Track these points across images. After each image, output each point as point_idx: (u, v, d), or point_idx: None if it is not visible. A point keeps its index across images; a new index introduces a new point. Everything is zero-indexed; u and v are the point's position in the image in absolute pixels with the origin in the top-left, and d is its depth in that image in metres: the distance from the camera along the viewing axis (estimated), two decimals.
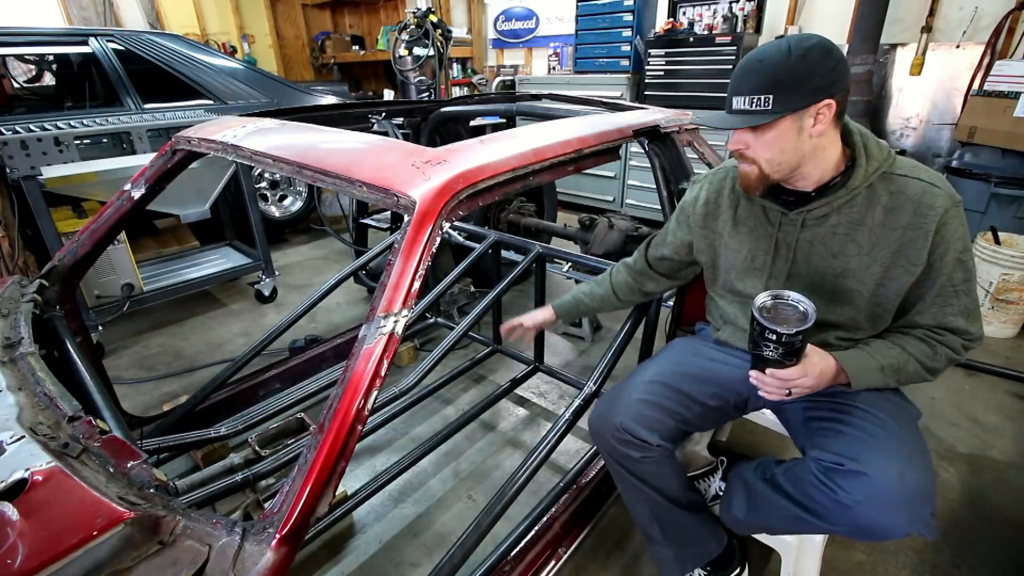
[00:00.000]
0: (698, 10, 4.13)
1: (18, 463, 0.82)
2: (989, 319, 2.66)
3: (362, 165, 1.05)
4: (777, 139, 0.99)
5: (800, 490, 1.04)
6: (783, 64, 0.94)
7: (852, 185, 1.03)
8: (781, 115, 0.96)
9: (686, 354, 1.36)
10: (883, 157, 1.04)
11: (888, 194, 1.03)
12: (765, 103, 0.96)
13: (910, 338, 1.09)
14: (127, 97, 3.10)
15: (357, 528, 1.66)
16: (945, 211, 1.00)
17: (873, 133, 1.09)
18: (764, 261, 1.17)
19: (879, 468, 0.95)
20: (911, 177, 1.03)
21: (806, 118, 0.97)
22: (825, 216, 1.07)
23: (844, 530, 1.00)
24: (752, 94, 0.97)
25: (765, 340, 0.95)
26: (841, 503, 0.96)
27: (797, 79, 0.94)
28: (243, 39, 5.95)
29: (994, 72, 2.85)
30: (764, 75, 0.95)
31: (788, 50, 0.94)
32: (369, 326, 0.88)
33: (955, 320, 1.05)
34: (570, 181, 4.71)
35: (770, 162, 1.02)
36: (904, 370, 1.06)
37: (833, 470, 0.99)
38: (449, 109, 2.55)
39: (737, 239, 1.21)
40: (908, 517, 0.94)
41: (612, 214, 2.65)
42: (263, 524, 0.78)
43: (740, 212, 1.20)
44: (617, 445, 1.22)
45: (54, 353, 1.34)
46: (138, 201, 1.50)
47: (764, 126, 0.98)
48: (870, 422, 1.04)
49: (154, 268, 3.00)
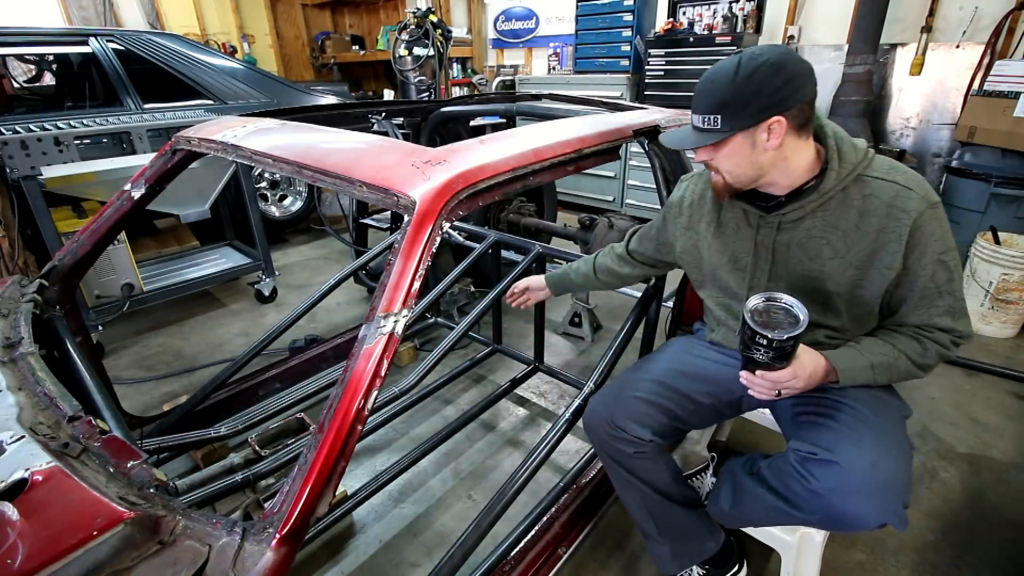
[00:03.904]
0: (698, 10, 4.13)
1: (18, 463, 0.82)
2: (989, 319, 2.66)
3: (362, 165, 1.05)
4: (732, 154, 1.02)
5: (780, 481, 1.06)
6: (729, 86, 0.96)
7: (824, 189, 1.04)
8: (730, 133, 0.98)
9: (681, 352, 1.37)
10: (857, 159, 1.04)
11: (862, 197, 1.04)
12: (714, 122, 0.99)
13: (900, 335, 1.10)
14: (127, 97, 3.10)
15: (357, 528, 1.66)
16: (919, 214, 0.99)
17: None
18: (746, 263, 1.19)
19: (851, 458, 0.96)
20: (885, 180, 1.03)
21: (758, 134, 0.99)
22: (800, 219, 1.09)
23: (818, 519, 1.01)
24: (704, 113, 1.01)
25: (756, 344, 0.95)
26: (814, 491, 0.98)
27: (742, 100, 0.96)
28: (243, 39, 5.95)
29: (994, 72, 2.84)
30: (712, 96, 0.99)
31: (736, 70, 0.96)
32: (369, 326, 0.88)
33: (941, 320, 1.06)
34: (570, 181, 4.71)
35: (730, 173, 1.06)
36: (895, 367, 1.07)
37: (808, 459, 1.01)
38: (449, 109, 2.55)
39: (720, 240, 1.23)
40: (878, 507, 0.95)
41: (612, 214, 2.65)
42: (263, 524, 0.78)
43: (723, 214, 1.22)
44: (610, 441, 1.24)
45: (54, 353, 1.34)
46: (138, 201, 1.50)
47: (720, 143, 1.01)
48: (852, 416, 1.05)
49: (154, 268, 3.00)
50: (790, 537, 1.27)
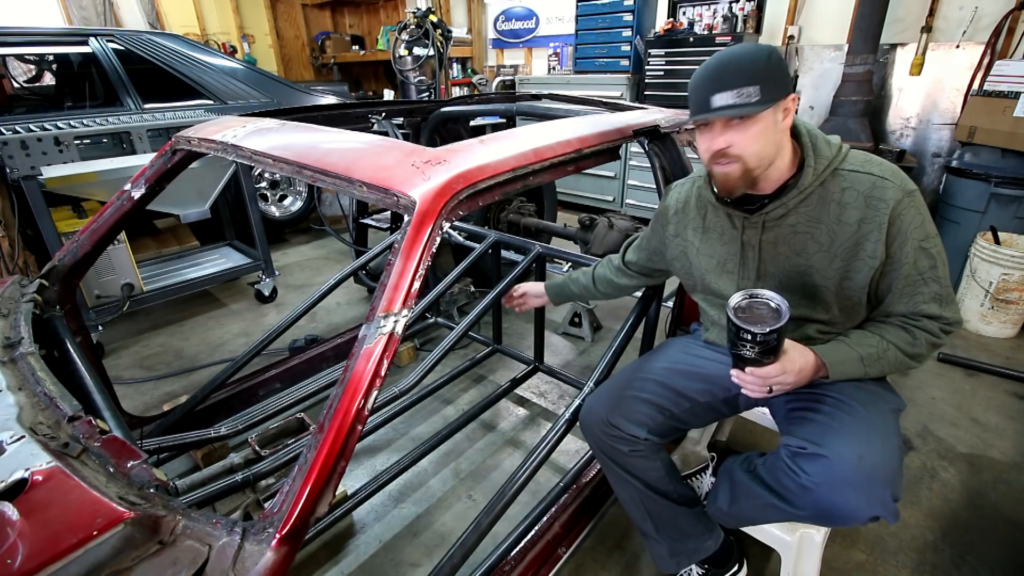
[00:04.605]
0: (698, 10, 4.13)
1: (18, 463, 0.82)
2: (989, 319, 2.66)
3: (362, 165, 1.05)
4: (762, 133, 1.02)
5: (773, 477, 1.06)
6: (762, 59, 0.99)
7: (803, 185, 1.06)
8: (767, 105, 0.99)
9: (677, 352, 1.38)
10: (832, 154, 1.07)
11: (840, 190, 1.06)
12: (752, 95, 0.99)
13: (888, 326, 1.10)
14: (127, 97, 3.10)
15: (357, 528, 1.66)
16: (897, 202, 1.02)
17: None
18: (734, 264, 1.20)
19: (838, 451, 0.97)
20: (861, 172, 1.05)
21: (778, 112, 1.01)
22: (783, 216, 1.10)
23: (809, 514, 1.02)
24: (738, 88, 0.99)
25: (741, 340, 0.97)
26: (804, 486, 0.99)
27: (774, 72, 0.99)
28: (243, 39, 5.94)
29: (994, 72, 2.84)
30: (744, 71, 0.99)
31: (758, 51, 1.00)
32: (369, 326, 0.88)
33: (928, 307, 1.07)
34: (570, 181, 4.71)
35: (757, 155, 1.04)
36: (885, 358, 1.07)
37: (798, 454, 1.01)
38: (449, 109, 2.55)
39: (708, 245, 1.25)
40: (867, 499, 0.95)
41: (612, 214, 2.65)
42: (263, 524, 0.78)
43: (708, 220, 1.24)
44: (606, 439, 1.25)
45: (54, 353, 1.34)
46: (138, 201, 1.50)
47: (749, 120, 1.01)
48: (840, 409, 1.06)
49: (154, 268, 3.00)
50: (790, 537, 1.27)
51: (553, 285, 1.70)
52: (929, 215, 1.06)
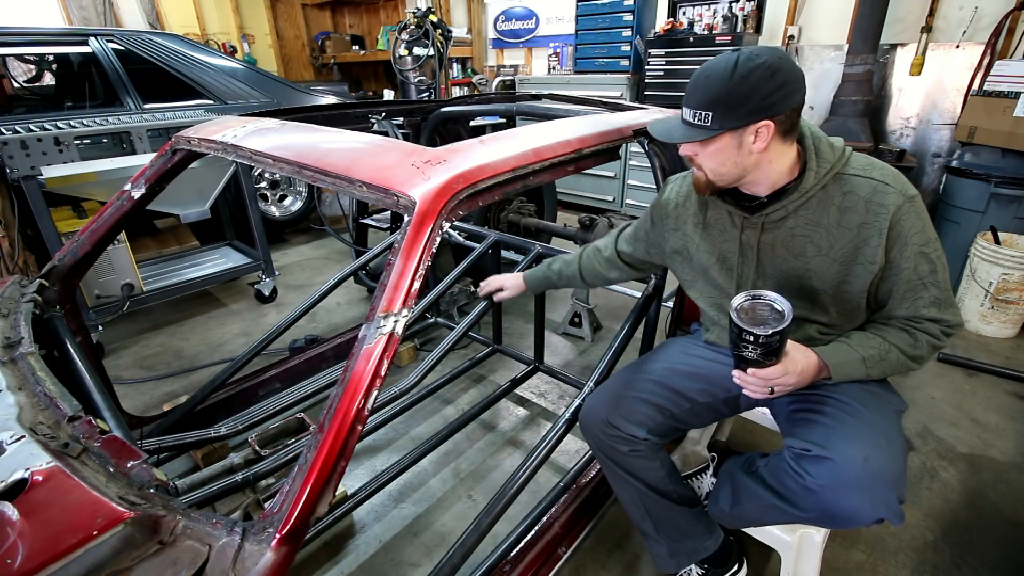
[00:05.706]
0: (698, 10, 4.13)
1: (18, 463, 0.82)
2: (989, 319, 2.66)
3: (362, 165, 1.05)
4: (718, 152, 1.03)
5: (776, 479, 1.06)
6: (724, 84, 0.96)
7: (804, 188, 1.06)
8: (719, 132, 0.99)
9: (677, 352, 1.38)
10: (835, 158, 1.06)
11: (841, 194, 1.05)
12: (704, 119, 0.99)
13: (890, 328, 1.10)
14: (127, 97, 3.10)
15: (357, 528, 1.66)
16: (897, 208, 1.01)
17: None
18: (733, 262, 1.20)
19: (843, 453, 0.97)
20: (863, 176, 1.05)
21: (746, 135, 0.99)
22: (783, 219, 1.10)
23: (813, 516, 1.02)
24: (695, 108, 1.00)
25: (744, 342, 0.96)
26: (808, 488, 0.98)
27: (735, 100, 0.96)
28: (243, 39, 5.94)
29: (994, 72, 2.84)
30: (706, 92, 0.99)
31: (733, 69, 0.96)
32: (369, 326, 0.88)
33: (928, 311, 1.07)
34: (570, 181, 4.71)
35: (713, 172, 1.06)
36: (887, 359, 1.07)
37: (802, 456, 1.01)
38: (449, 109, 2.54)
39: (708, 240, 1.24)
40: (871, 501, 0.95)
41: (612, 214, 2.65)
42: (263, 524, 0.78)
43: (708, 215, 1.23)
44: (605, 439, 1.25)
45: (54, 353, 1.34)
46: (138, 201, 1.50)
47: (707, 139, 1.01)
48: (844, 411, 1.06)
49: (154, 268, 3.00)
50: (790, 537, 1.27)
51: (534, 276, 1.64)
52: (929, 220, 1.06)
